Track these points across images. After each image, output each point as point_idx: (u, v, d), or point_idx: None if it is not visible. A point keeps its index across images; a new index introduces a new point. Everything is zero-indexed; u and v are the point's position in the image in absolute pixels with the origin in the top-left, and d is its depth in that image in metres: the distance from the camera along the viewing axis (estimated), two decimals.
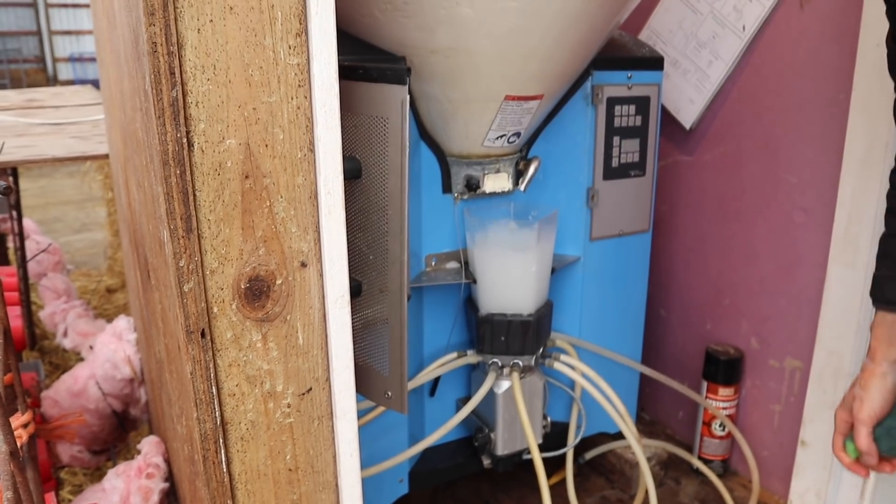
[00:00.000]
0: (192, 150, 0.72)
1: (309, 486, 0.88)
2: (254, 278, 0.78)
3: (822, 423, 1.54)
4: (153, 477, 1.25)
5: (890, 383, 0.91)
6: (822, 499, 1.55)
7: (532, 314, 1.48)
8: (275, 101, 0.75)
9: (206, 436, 0.79)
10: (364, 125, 0.97)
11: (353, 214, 1.01)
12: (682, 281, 1.92)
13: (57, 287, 2.28)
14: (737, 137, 1.70)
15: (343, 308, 0.84)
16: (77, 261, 3.74)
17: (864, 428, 0.93)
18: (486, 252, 1.45)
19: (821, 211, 1.53)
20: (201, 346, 0.76)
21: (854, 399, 0.95)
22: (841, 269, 1.45)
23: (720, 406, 1.77)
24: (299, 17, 0.74)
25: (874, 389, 0.92)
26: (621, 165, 1.59)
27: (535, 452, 1.42)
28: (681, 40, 1.75)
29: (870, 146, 1.36)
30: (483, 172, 1.43)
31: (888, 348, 0.91)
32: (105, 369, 1.63)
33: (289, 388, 0.84)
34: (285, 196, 0.78)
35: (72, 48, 13.56)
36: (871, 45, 1.33)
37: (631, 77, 1.54)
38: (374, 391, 1.06)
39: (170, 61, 0.68)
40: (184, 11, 0.68)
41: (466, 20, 1.15)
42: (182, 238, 0.73)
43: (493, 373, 1.50)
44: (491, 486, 1.80)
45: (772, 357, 1.70)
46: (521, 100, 1.32)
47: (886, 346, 0.91)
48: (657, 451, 1.81)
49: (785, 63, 1.56)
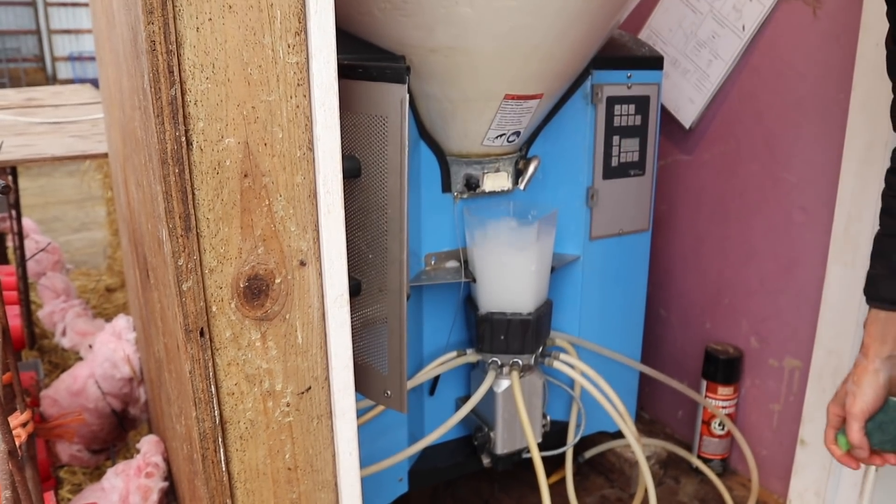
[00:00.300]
0: (190, 149, 0.72)
1: (308, 485, 0.88)
2: (253, 277, 0.78)
3: (821, 422, 1.53)
4: (152, 476, 1.25)
5: (882, 379, 0.94)
6: (822, 498, 1.55)
7: (531, 313, 1.48)
8: (274, 99, 0.75)
9: (206, 435, 0.79)
10: (363, 124, 0.97)
11: (352, 213, 1.01)
12: (682, 280, 1.92)
13: (56, 286, 2.27)
14: (736, 137, 1.70)
15: (342, 307, 0.84)
16: (76, 260, 3.74)
17: (857, 423, 0.96)
18: (486, 251, 1.45)
19: (820, 210, 1.53)
20: (200, 345, 0.76)
21: (846, 394, 0.98)
22: (840, 268, 1.45)
23: (719, 405, 1.77)
24: (298, 16, 0.74)
25: (867, 385, 0.95)
26: (621, 165, 1.59)
27: (535, 451, 1.42)
28: (680, 40, 1.75)
29: (869, 145, 1.36)
30: (483, 171, 1.43)
31: (881, 345, 0.94)
32: (104, 368, 1.62)
33: (288, 387, 0.84)
34: (284, 195, 0.78)
35: (71, 47, 13.55)
36: (871, 45, 1.33)
37: (631, 76, 1.54)
38: (373, 390, 1.06)
39: (168, 60, 0.68)
40: (183, 10, 0.68)
41: (466, 19, 1.15)
42: (181, 237, 0.73)
43: (492, 372, 1.50)
44: (490, 485, 1.80)
45: (771, 356, 1.70)
46: (521, 99, 1.32)
47: (879, 344, 0.94)
48: (657, 450, 1.81)
49: (785, 63, 1.56)
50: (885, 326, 0.94)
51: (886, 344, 0.94)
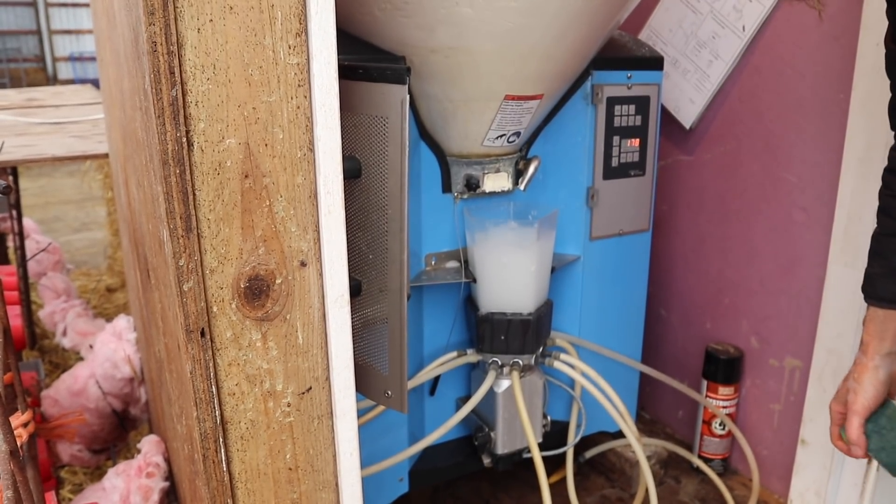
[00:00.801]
0: (191, 150, 0.72)
1: (309, 485, 0.89)
2: (253, 277, 0.78)
3: (821, 421, 1.54)
4: (153, 476, 1.25)
5: (882, 376, 0.96)
6: (822, 497, 1.55)
7: (532, 313, 1.48)
8: (274, 100, 0.75)
9: (206, 435, 0.79)
10: (364, 125, 0.97)
11: (352, 214, 1.01)
12: (682, 280, 1.93)
13: (57, 286, 2.28)
14: (737, 137, 1.70)
15: (343, 307, 0.84)
16: (77, 260, 3.74)
17: (857, 418, 0.98)
18: (486, 251, 1.45)
19: (821, 210, 1.53)
20: (201, 345, 0.76)
21: (848, 392, 1.00)
22: (841, 268, 1.45)
23: (720, 405, 1.77)
24: (299, 17, 0.74)
25: (867, 382, 0.96)
26: (621, 165, 1.59)
27: (535, 451, 1.43)
28: (681, 40, 1.75)
29: (869, 145, 1.36)
30: (483, 172, 1.43)
31: (880, 343, 0.96)
32: (105, 368, 1.63)
33: (288, 388, 0.84)
34: (285, 195, 0.78)
35: (72, 47, 13.57)
36: (871, 45, 1.33)
37: (631, 77, 1.54)
38: (373, 390, 1.06)
39: (169, 61, 0.68)
40: (184, 11, 0.68)
41: (466, 19, 1.15)
42: (182, 237, 0.73)
43: (492, 372, 1.50)
44: (491, 485, 1.80)
45: (772, 356, 1.70)
46: (521, 99, 1.32)
47: (878, 341, 0.96)
48: (657, 449, 1.81)
49: (785, 63, 1.56)
50: (884, 324, 0.95)
51: (885, 341, 0.95)
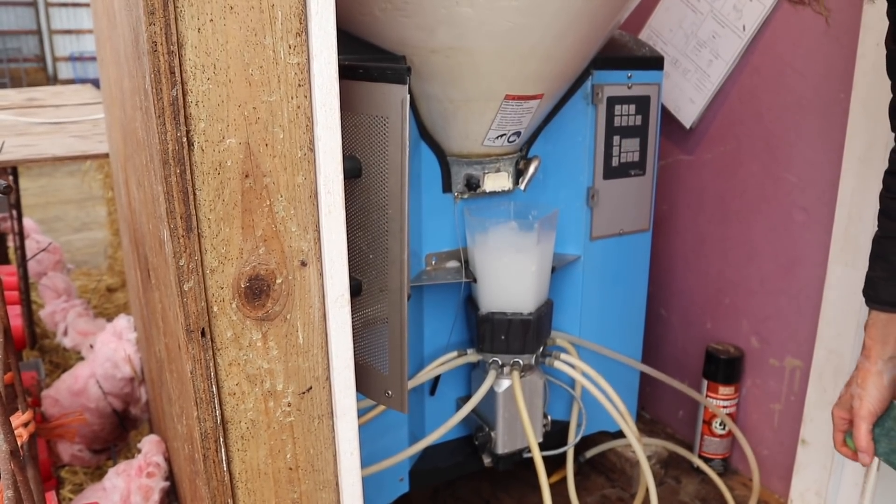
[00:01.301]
0: (192, 150, 0.72)
1: (309, 484, 0.89)
2: (254, 277, 0.78)
3: (822, 421, 1.54)
4: (154, 476, 1.25)
5: (886, 380, 0.95)
6: (823, 497, 1.55)
7: (532, 313, 1.48)
8: (275, 100, 0.75)
9: (207, 435, 0.79)
10: (364, 124, 0.97)
11: (353, 213, 1.01)
12: (683, 280, 1.92)
13: (57, 286, 2.28)
14: (737, 137, 1.70)
15: (343, 307, 0.84)
16: (77, 260, 3.74)
17: (864, 424, 0.96)
18: (487, 251, 1.45)
19: (821, 210, 1.53)
20: (201, 345, 0.76)
21: (852, 398, 0.98)
22: (841, 268, 1.45)
23: (720, 405, 1.77)
24: (299, 17, 0.74)
25: (872, 387, 0.95)
26: (621, 165, 1.59)
27: (536, 451, 1.43)
28: (681, 40, 1.75)
29: (870, 145, 1.36)
30: (483, 172, 1.43)
31: (882, 347, 0.95)
32: (105, 368, 1.63)
33: (289, 387, 0.84)
34: (285, 195, 0.78)
35: (72, 47, 13.57)
36: (871, 45, 1.33)
37: (631, 76, 1.54)
38: (374, 390, 1.06)
39: (170, 60, 0.68)
40: (184, 11, 0.68)
41: (466, 19, 1.15)
42: (182, 237, 0.73)
43: (493, 371, 1.50)
44: (491, 485, 1.80)
45: (772, 356, 1.70)
46: (521, 99, 1.32)
47: (881, 345, 0.95)
48: (657, 449, 1.81)
49: (785, 63, 1.56)
50: (886, 328, 0.94)
51: (888, 345, 0.94)
